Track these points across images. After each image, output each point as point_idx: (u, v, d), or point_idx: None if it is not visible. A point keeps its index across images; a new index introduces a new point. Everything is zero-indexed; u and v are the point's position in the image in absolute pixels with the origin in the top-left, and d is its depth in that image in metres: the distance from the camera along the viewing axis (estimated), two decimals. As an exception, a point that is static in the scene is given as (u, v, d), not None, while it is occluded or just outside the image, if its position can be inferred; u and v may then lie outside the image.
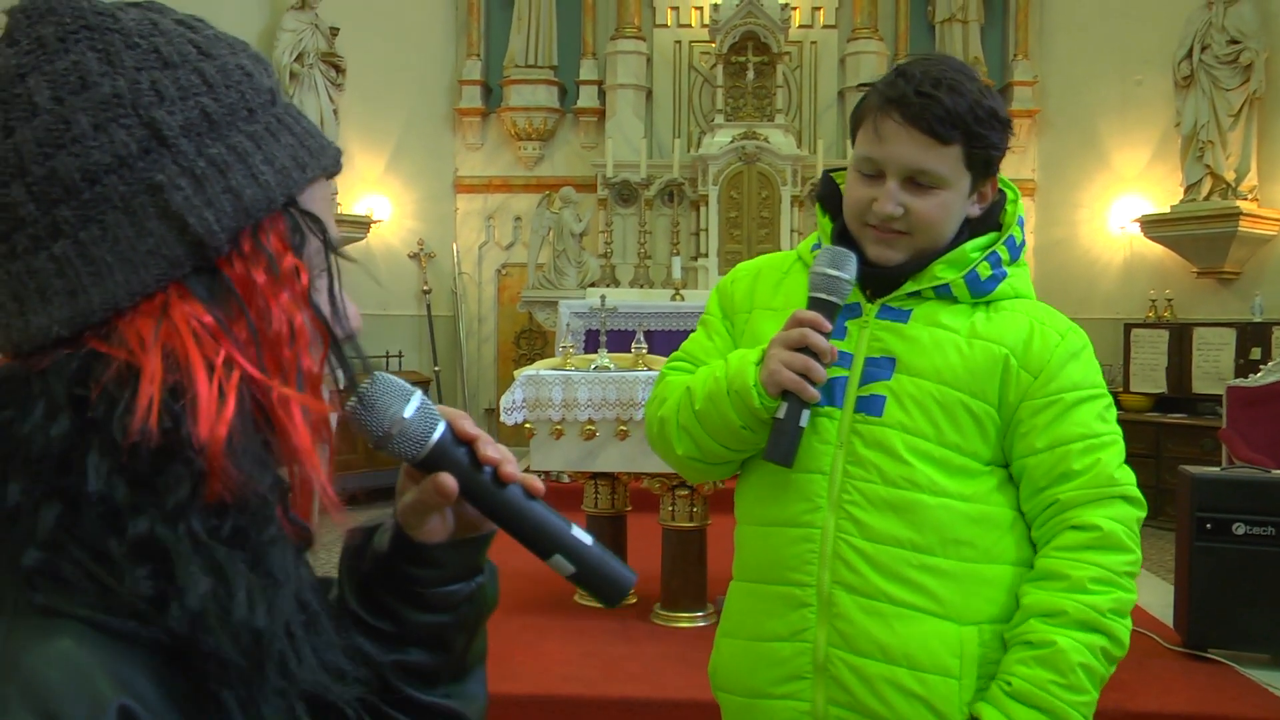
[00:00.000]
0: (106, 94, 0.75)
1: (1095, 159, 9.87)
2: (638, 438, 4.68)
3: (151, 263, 0.75)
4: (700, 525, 4.67)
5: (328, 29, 9.43)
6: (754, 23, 9.46)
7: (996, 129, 1.69)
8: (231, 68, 0.81)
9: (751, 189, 9.45)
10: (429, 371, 10.21)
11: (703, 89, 10.23)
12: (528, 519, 0.92)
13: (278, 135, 0.82)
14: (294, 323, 0.80)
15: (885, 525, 1.66)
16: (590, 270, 9.49)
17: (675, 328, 8.67)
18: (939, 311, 1.73)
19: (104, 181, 0.74)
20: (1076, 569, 1.63)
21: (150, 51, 0.78)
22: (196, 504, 0.72)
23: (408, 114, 10.41)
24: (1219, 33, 8.57)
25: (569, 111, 10.48)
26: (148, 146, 0.75)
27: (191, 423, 0.72)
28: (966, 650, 1.64)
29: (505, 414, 4.74)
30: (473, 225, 10.69)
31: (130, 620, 0.70)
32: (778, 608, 1.73)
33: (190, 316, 0.75)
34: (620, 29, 10.25)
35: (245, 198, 0.78)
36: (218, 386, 0.74)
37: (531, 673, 4.08)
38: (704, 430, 1.77)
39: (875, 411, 1.69)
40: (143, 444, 0.71)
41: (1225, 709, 3.87)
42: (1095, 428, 1.70)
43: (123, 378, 0.72)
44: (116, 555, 0.70)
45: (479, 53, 10.50)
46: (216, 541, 0.73)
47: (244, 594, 0.73)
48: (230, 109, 0.79)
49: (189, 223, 0.75)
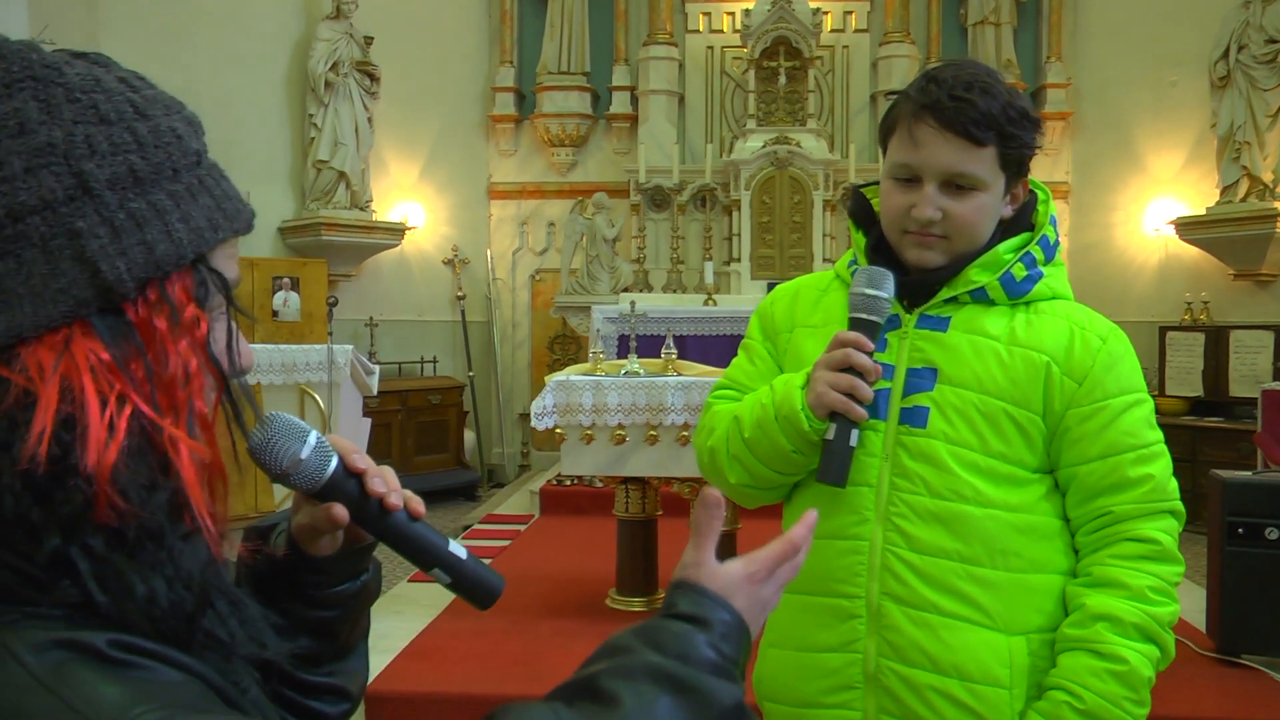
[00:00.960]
0: (42, 142, 0.81)
1: (1129, 161, 9.78)
2: (667, 442, 4.68)
3: (60, 300, 0.80)
4: (731, 529, 4.65)
5: (362, 38, 9.48)
6: (786, 28, 9.44)
7: (1028, 129, 1.70)
8: (164, 129, 0.87)
9: (784, 194, 9.43)
10: (463, 377, 10.25)
11: (735, 94, 10.21)
12: (409, 539, 1.03)
13: (197, 196, 0.88)
14: (189, 367, 0.86)
15: (932, 537, 1.66)
16: (623, 275, 9.50)
17: (707, 333, 8.67)
18: (978, 317, 1.73)
19: (26, 220, 0.80)
20: (1136, 578, 1.63)
21: (89, 107, 0.84)
22: (88, 525, 0.79)
23: (442, 121, 10.45)
24: (1257, 32, 8.47)
25: (602, 117, 10.51)
26: (73, 194, 0.81)
27: (80, 452, 0.78)
28: (1016, 660, 1.63)
29: (536, 419, 4.74)
30: (506, 231, 10.72)
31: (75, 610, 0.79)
32: (827, 619, 1.72)
33: (90, 352, 0.81)
34: (652, 35, 10.24)
35: (157, 252, 0.84)
36: (109, 419, 0.79)
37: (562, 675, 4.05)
38: (755, 457, 1.77)
39: (919, 423, 1.69)
40: (32, 468, 0.76)
41: (1257, 715, 3.82)
42: (1145, 436, 1.69)
43: (20, 403, 0.78)
44: (42, 565, 0.78)
45: (512, 60, 10.54)
46: (118, 554, 0.80)
47: (142, 589, 0.80)
48: (156, 168, 0.86)
49: (101, 269, 0.81)
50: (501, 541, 6.65)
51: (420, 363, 10.20)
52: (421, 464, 9.56)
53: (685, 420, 4.65)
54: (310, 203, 9.39)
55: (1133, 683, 1.58)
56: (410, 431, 9.48)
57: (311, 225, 9.26)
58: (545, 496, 7.65)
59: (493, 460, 10.57)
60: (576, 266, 9.60)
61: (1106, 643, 1.59)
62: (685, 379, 4.79)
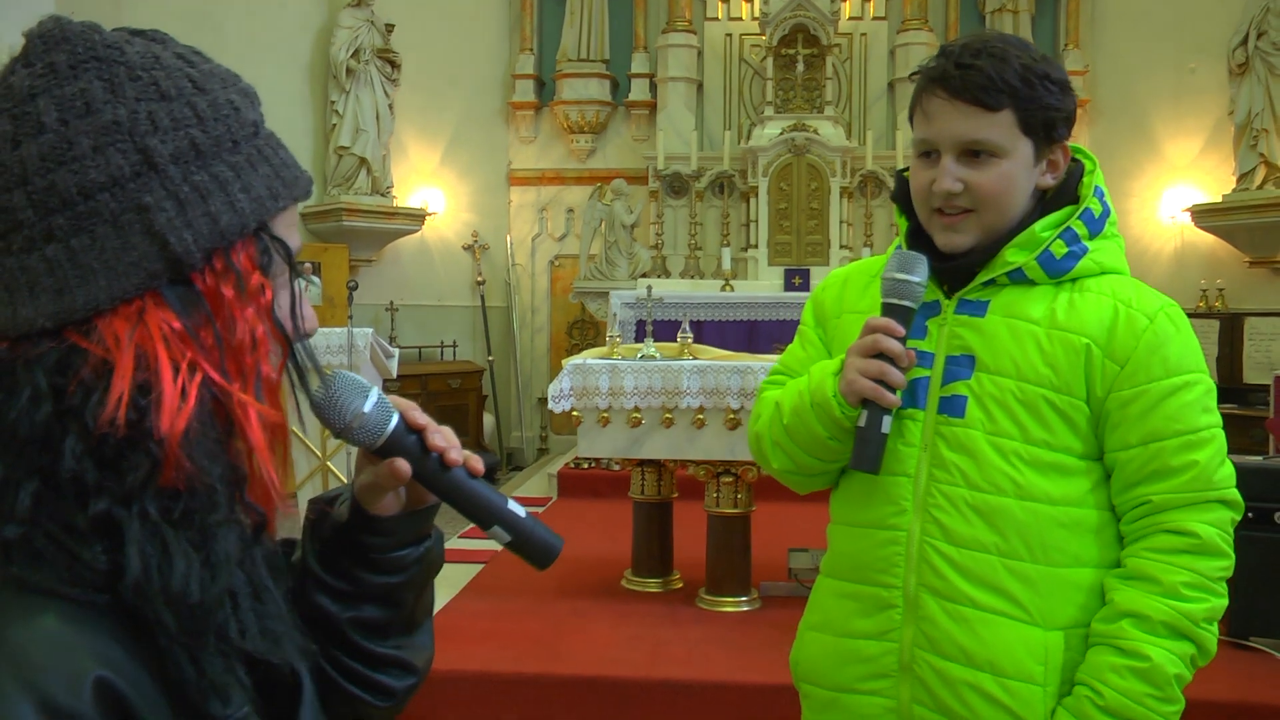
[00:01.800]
0: (108, 120, 0.83)
1: (1146, 148, 9.73)
2: (682, 425, 4.69)
3: (133, 273, 0.83)
4: (745, 511, 4.66)
5: (384, 25, 9.51)
6: (804, 15, 9.41)
7: (1052, 90, 1.62)
8: (222, 102, 0.90)
9: (801, 180, 9.41)
10: (483, 361, 10.28)
11: (753, 81, 10.18)
12: (469, 496, 1.03)
13: (257, 166, 0.90)
14: (255, 333, 0.88)
15: (970, 530, 1.61)
16: (641, 261, 9.50)
17: (724, 318, 8.67)
18: (1019, 299, 1.66)
19: (97, 198, 0.83)
20: (1170, 573, 1.56)
21: (150, 84, 0.86)
22: (150, 488, 0.80)
23: (462, 108, 10.47)
24: (1276, 18, 8.41)
25: (620, 105, 10.50)
26: (139, 170, 0.84)
27: (155, 416, 0.80)
28: (1051, 656, 1.59)
29: (553, 401, 4.76)
30: (526, 217, 10.73)
31: (97, 593, 0.78)
32: (866, 607, 1.70)
33: (162, 322, 0.83)
34: (671, 22, 10.22)
35: (222, 222, 0.86)
36: (181, 386, 0.82)
37: (580, 655, 4.11)
38: (794, 444, 1.75)
39: (957, 413, 1.64)
40: (111, 432, 0.79)
41: (1267, 697, 3.81)
42: (1192, 421, 1.60)
43: (98, 372, 0.81)
44: (81, 530, 0.78)
45: (532, 47, 10.53)
46: (166, 522, 0.81)
47: (182, 569, 0.80)
48: (217, 140, 0.88)
49: (169, 242, 0.84)
50: (520, 523, 6.68)
51: (440, 347, 10.23)
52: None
53: (700, 404, 4.66)
54: (331, 188, 9.43)
55: (1155, 680, 1.53)
56: (430, 415, 9.47)
57: (333, 211, 9.30)
58: (563, 479, 7.68)
59: (512, 444, 10.61)
60: (595, 252, 9.61)
61: (1129, 639, 1.54)
62: (701, 363, 4.80)
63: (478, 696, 3.86)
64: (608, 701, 3.85)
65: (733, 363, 4.82)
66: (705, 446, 4.67)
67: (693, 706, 3.82)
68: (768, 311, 8.71)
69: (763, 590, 4.75)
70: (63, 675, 0.74)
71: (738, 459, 4.60)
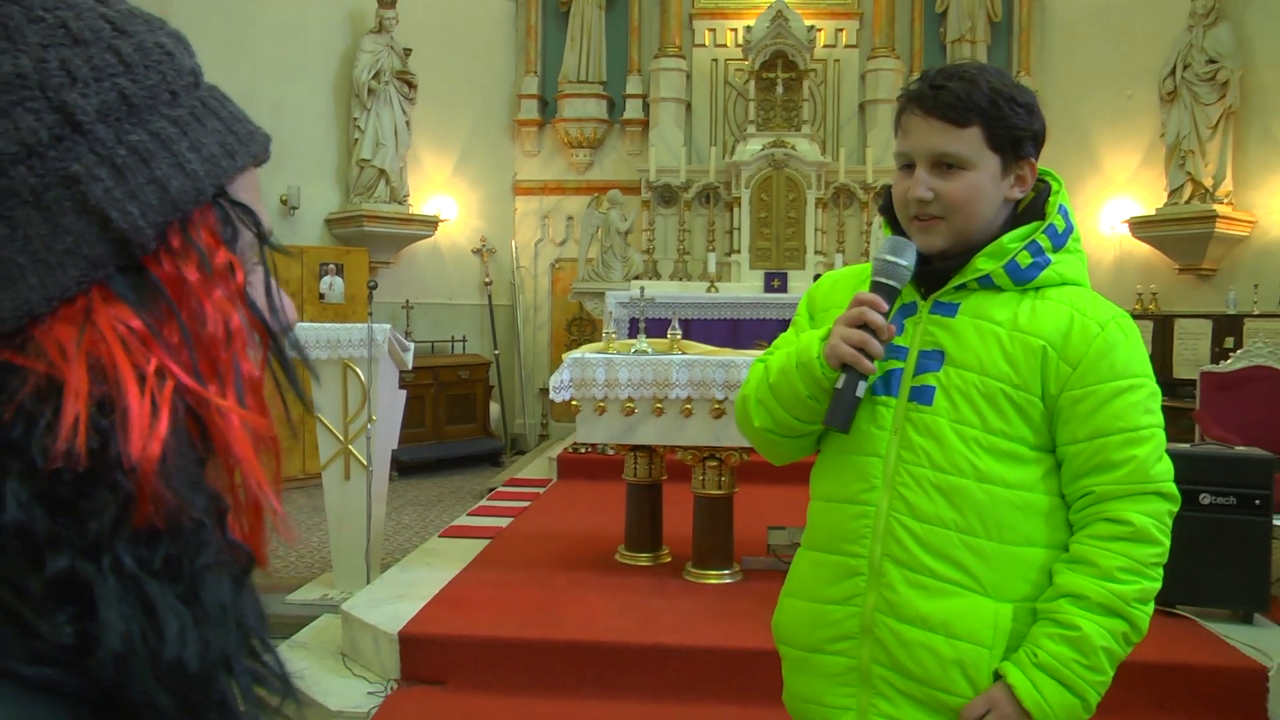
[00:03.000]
0: (8, 73, 0.59)
1: (1089, 165, 9.73)
2: (672, 414, 4.67)
3: (70, 263, 0.59)
4: (728, 493, 4.65)
5: (402, 49, 9.46)
6: (783, 43, 9.40)
7: (1018, 111, 1.63)
8: (150, 46, 0.65)
9: (780, 192, 9.40)
10: (490, 355, 10.25)
11: (736, 102, 10.16)
12: None
13: (203, 120, 0.66)
14: (230, 323, 0.65)
15: (933, 507, 1.62)
16: (634, 265, 9.48)
17: (709, 316, 8.65)
18: (986, 303, 1.67)
19: (10, 174, 0.58)
20: (1106, 558, 1.58)
21: (57, 26, 0.61)
22: (123, 532, 0.58)
23: (472, 124, 10.43)
24: (1199, 53, 8.54)
25: (616, 122, 10.48)
26: (60, 134, 0.60)
27: (122, 440, 0.58)
28: (1000, 625, 1.60)
29: (554, 392, 4.74)
30: (530, 224, 10.71)
31: (52, 668, 0.55)
32: (835, 575, 1.71)
33: (117, 321, 0.60)
34: (663, 48, 10.21)
35: (172, 189, 0.63)
36: (150, 399, 0.59)
37: (577, 623, 4.09)
38: (776, 401, 1.75)
39: (926, 401, 1.65)
40: (68, 466, 0.56)
41: (1189, 658, 3.86)
42: (1134, 420, 1.62)
43: (42, 393, 0.57)
44: (35, 595, 0.55)
45: (536, 69, 10.51)
46: (146, 574, 0.58)
47: (175, 631, 0.58)
48: (151, 91, 0.64)
49: (111, 217, 0.60)
50: (522, 503, 6.67)
51: (451, 341, 10.20)
52: (451, 433, 9.57)
53: (688, 394, 4.64)
54: (354, 197, 9.39)
55: (1083, 648, 1.55)
56: (441, 403, 9.49)
57: (355, 217, 9.26)
58: (562, 463, 7.65)
59: (515, 430, 10.59)
60: (592, 256, 9.59)
61: (1065, 614, 1.56)
62: (689, 357, 4.78)
63: (485, 658, 3.84)
64: (603, 664, 3.84)
65: (718, 358, 4.80)
66: (693, 433, 4.65)
67: (680, 669, 3.81)
68: (749, 311, 8.71)
69: (744, 564, 4.73)
70: None
71: (722, 445, 4.58)
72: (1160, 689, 3.72)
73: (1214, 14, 8.51)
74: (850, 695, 1.69)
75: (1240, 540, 4.23)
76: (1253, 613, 4.28)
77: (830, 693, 1.71)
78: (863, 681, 1.68)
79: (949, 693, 1.61)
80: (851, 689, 1.69)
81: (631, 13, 10.42)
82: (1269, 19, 8.50)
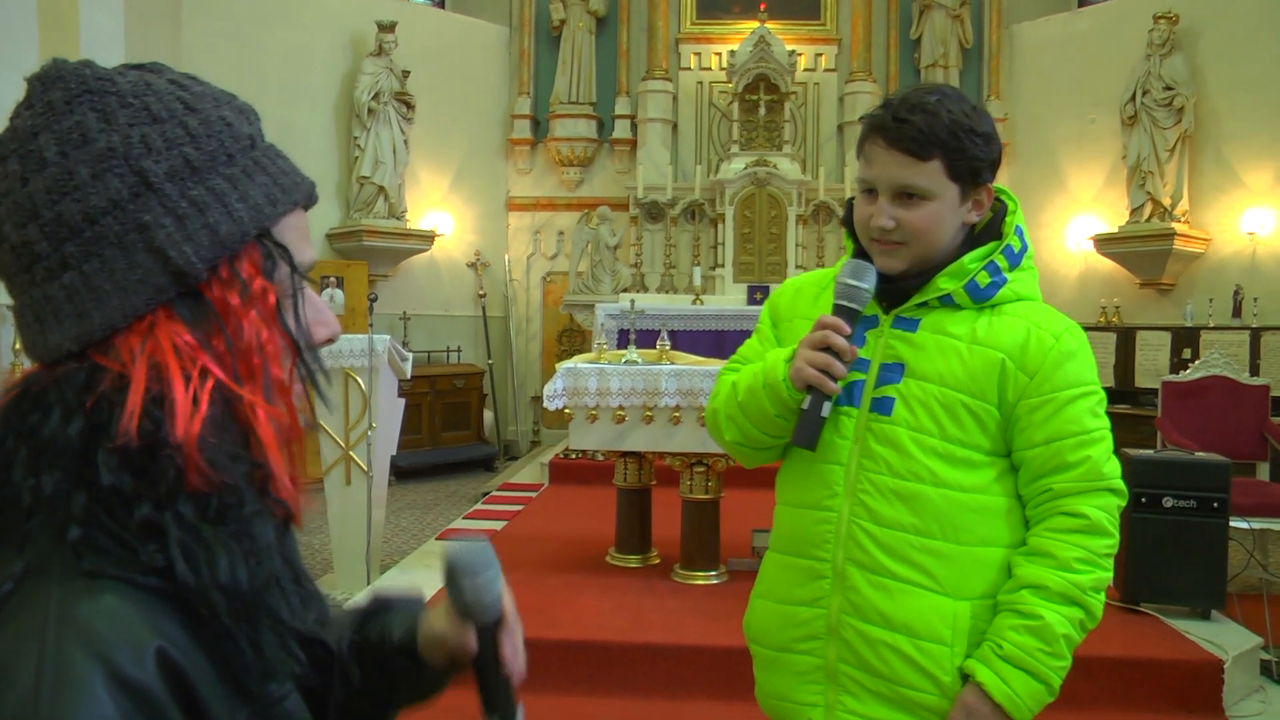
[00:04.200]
0: (103, 148, 0.77)
1: (1055, 185, 9.80)
2: (661, 422, 4.69)
3: (141, 289, 0.77)
4: (715, 497, 4.66)
5: (400, 72, 9.46)
6: (765, 66, 9.44)
7: (977, 142, 1.62)
8: (214, 119, 0.82)
9: (762, 209, 9.43)
10: (484, 364, 10.24)
11: (721, 123, 10.20)
12: (499, 689, 0.99)
13: (253, 176, 0.82)
14: (261, 336, 0.81)
15: (892, 512, 1.64)
16: (623, 278, 9.49)
17: (695, 328, 8.67)
18: (946, 319, 1.68)
19: (101, 222, 0.76)
20: (1064, 550, 1.60)
21: (141, 109, 0.79)
22: (181, 491, 0.74)
23: (468, 143, 10.43)
24: (1156, 80, 8.67)
25: (606, 141, 10.49)
26: (137, 191, 0.77)
27: (169, 424, 0.74)
28: (959, 622, 1.62)
29: (548, 400, 4.75)
30: (522, 239, 10.71)
31: (154, 578, 0.73)
32: (801, 578, 1.72)
33: (172, 334, 0.77)
34: (650, 71, 10.25)
35: (221, 232, 0.79)
36: (192, 393, 0.76)
37: (570, 622, 4.10)
38: (746, 418, 1.76)
39: (886, 411, 1.66)
40: (129, 443, 0.73)
41: (1152, 652, 3.89)
42: (1087, 424, 1.65)
43: (117, 387, 0.75)
44: (130, 536, 0.73)
45: (529, 91, 10.52)
46: (204, 521, 0.75)
47: (226, 563, 0.75)
48: (210, 156, 0.80)
49: (170, 256, 0.77)
50: (516, 506, 6.66)
51: (446, 351, 10.19)
52: (447, 439, 9.56)
53: (677, 403, 4.65)
54: (354, 213, 9.38)
55: (1046, 637, 1.57)
56: (438, 411, 9.48)
57: (355, 232, 9.25)
58: (554, 468, 7.64)
59: (508, 436, 10.58)
60: (582, 270, 9.59)
61: (1027, 604, 1.58)
62: (677, 367, 4.80)
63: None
64: (595, 662, 3.85)
65: (705, 367, 4.82)
66: (681, 440, 4.66)
67: (669, 666, 3.82)
68: (733, 322, 8.74)
69: (730, 565, 4.75)
70: (127, 646, 0.69)
71: (709, 451, 4.59)
72: (1125, 683, 3.76)
73: (1169, 44, 8.64)
74: (818, 692, 1.70)
75: (1199, 541, 4.28)
76: (1210, 609, 4.33)
77: (799, 690, 1.72)
78: (830, 679, 1.69)
79: (912, 689, 1.62)
80: (819, 686, 1.70)
81: (620, 37, 10.45)
82: (1219, 50, 8.64)
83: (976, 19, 10.14)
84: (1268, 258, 8.40)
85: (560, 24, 10.39)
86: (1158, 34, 8.63)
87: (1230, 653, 3.88)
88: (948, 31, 10.02)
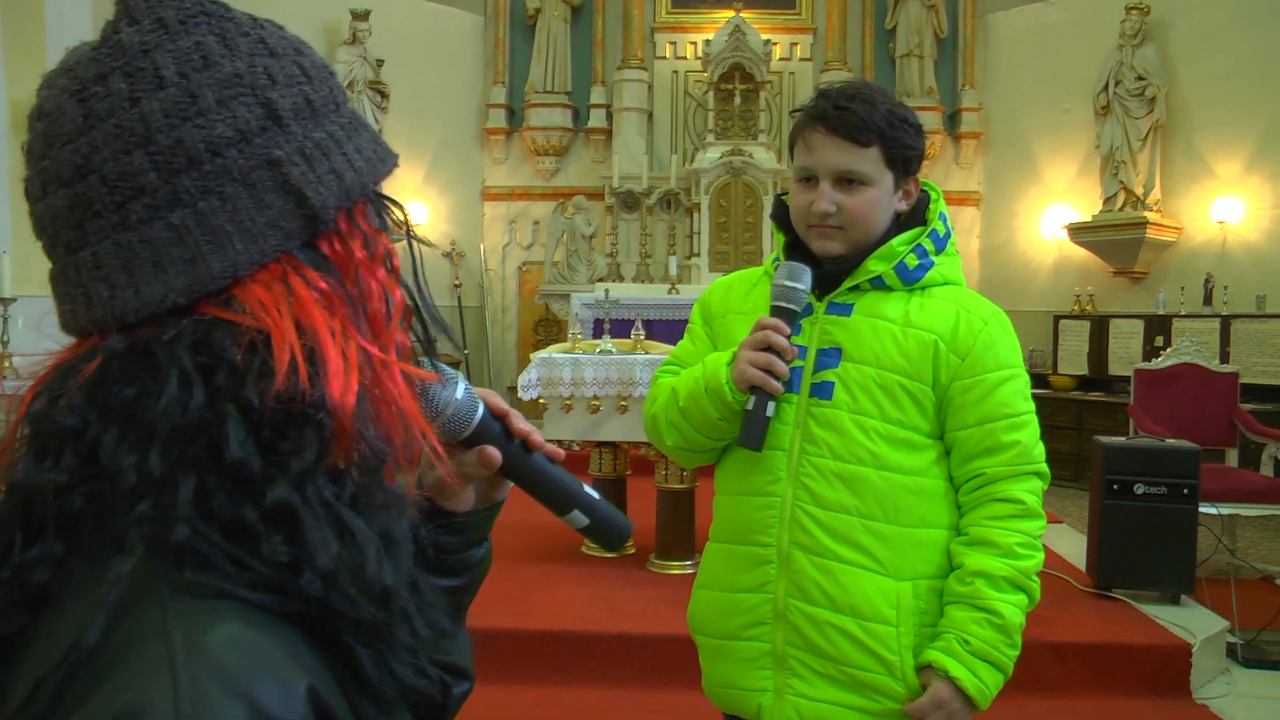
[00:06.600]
0: (228, 73, 0.67)
1: (1030, 174, 9.86)
2: (636, 412, 4.69)
3: (270, 233, 0.67)
4: (690, 487, 4.67)
5: (374, 60, 9.39)
6: (741, 56, 9.43)
7: (909, 132, 1.70)
8: (320, 64, 0.75)
9: (738, 198, 9.43)
10: (459, 354, 10.21)
11: (696, 112, 10.18)
12: (551, 481, 0.90)
13: (360, 129, 0.75)
14: (391, 297, 0.73)
15: (835, 495, 1.66)
16: (598, 267, 9.48)
17: (671, 317, 8.66)
18: (878, 302, 1.72)
19: (225, 154, 0.66)
20: (1005, 536, 1.64)
21: (259, 41, 0.70)
22: (321, 468, 0.64)
23: (442, 133, 10.37)
24: (1128, 70, 8.74)
25: (581, 131, 10.44)
26: (265, 124, 0.68)
27: (325, 385, 0.64)
28: (903, 602, 1.65)
29: (522, 390, 4.75)
30: (497, 229, 10.66)
31: (267, 594, 0.60)
32: (745, 565, 1.73)
33: (309, 285, 0.67)
34: (626, 60, 10.20)
35: (346, 179, 0.71)
36: (340, 352, 0.66)
37: (546, 612, 4.10)
38: (688, 423, 1.77)
39: (826, 396, 1.68)
40: (279, 408, 0.62)
41: (1124, 637, 3.95)
42: (1018, 406, 1.69)
43: (252, 344, 0.63)
44: (252, 523, 0.61)
45: (504, 80, 10.46)
46: (342, 504, 0.64)
47: (373, 552, 0.64)
48: (325, 100, 0.73)
49: (307, 196, 0.68)
50: (493, 495, 6.65)
51: (423, 341, 10.13)
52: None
53: (651, 393, 4.66)
54: (328, 202, 9.32)
55: (1007, 630, 1.63)
56: (414, 400, 9.43)
57: (329, 222, 9.20)
58: (530, 457, 7.62)
59: (485, 425, 10.54)
60: (558, 259, 9.56)
61: (984, 598, 1.62)
62: (652, 357, 4.80)
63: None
64: (571, 652, 3.86)
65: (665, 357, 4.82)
66: (655, 430, 4.66)
67: (645, 656, 3.83)
68: (708, 312, 8.72)
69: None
70: (271, 683, 0.56)
71: (683, 441, 4.59)
72: (1096, 667, 3.80)
73: (1141, 35, 8.70)
74: (766, 678, 1.72)
75: (1170, 527, 4.33)
76: (1180, 594, 4.38)
77: (747, 676, 1.74)
78: (778, 664, 1.70)
79: (860, 669, 1.65)
80: (767, 672, 1.72)
81: (596, 26, 10.40)
82: (1190, 41, 8.71)
83: (951, 9, 10.15)
84: (1237, 246, 8.48)
85: (535, 13, 10.33)
86: (1130, 25, 8.70)
87: (1198, 637, 3.93)
88: (923, 21, 10.03)
